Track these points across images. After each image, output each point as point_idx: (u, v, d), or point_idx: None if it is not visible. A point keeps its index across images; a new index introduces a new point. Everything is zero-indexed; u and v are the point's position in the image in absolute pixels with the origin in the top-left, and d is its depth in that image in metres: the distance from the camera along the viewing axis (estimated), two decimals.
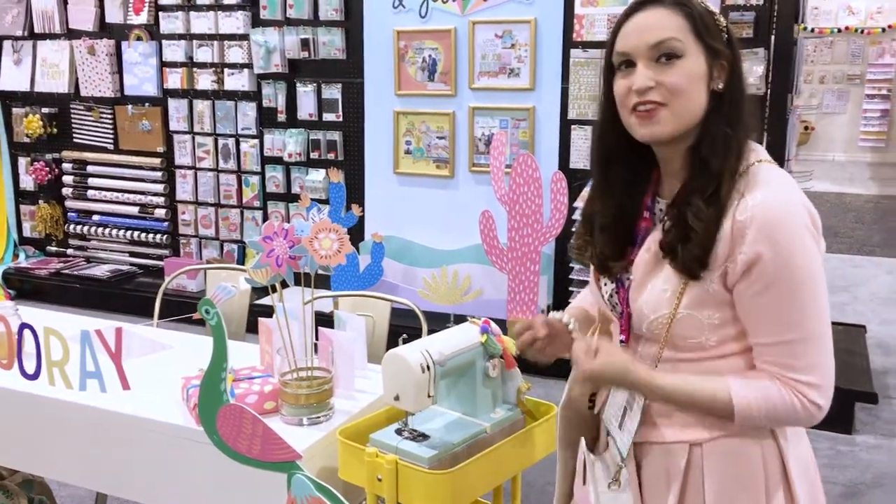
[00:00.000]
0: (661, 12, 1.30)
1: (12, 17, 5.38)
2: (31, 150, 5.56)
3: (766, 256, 1.23)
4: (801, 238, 1.24)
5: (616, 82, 1.34)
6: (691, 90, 1.29)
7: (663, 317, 1.32)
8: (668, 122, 1.29)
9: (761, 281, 1.24)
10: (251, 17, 4.74)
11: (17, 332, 1.92)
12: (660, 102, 1.28)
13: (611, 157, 1.42)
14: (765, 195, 1.25)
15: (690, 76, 1.28)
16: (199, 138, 5.06)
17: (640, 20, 1.31)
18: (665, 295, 1.32)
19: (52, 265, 5.43)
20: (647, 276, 1.35)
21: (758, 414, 1.27)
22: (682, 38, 1.28)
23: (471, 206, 4.26)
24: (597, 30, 3.97)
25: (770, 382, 1.28)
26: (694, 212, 1.28)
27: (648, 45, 1.28)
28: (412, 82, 4.40)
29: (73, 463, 1.98)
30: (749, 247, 1.23)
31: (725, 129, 1.30)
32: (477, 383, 1.73)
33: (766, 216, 1.23)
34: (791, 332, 1.25)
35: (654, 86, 1.28)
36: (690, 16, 1.29)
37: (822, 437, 3.48)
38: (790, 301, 1.25)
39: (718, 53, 1.30)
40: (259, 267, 1.76)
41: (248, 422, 1.54)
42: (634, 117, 1.31)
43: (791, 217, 1.24)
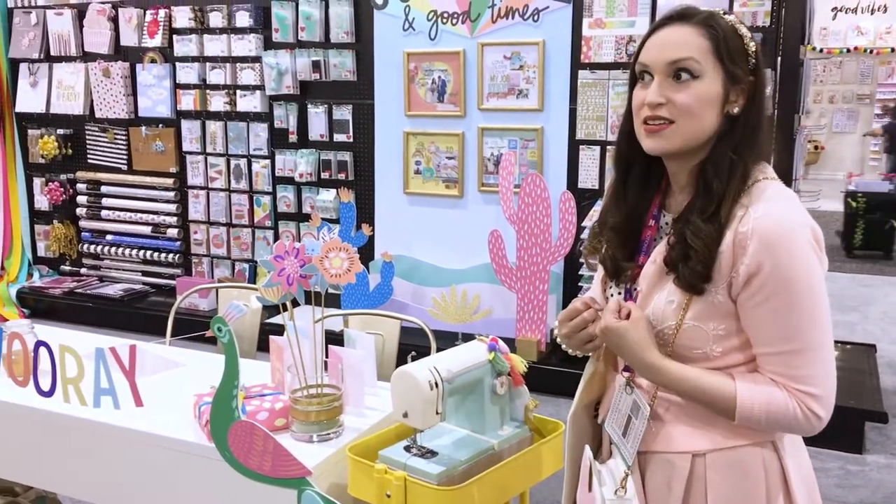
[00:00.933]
0: (685, 30, 1.32)
1: (29, 40, 5.47)
2: (46, 171, 5.63)
3: (766, 268, 1.25)
4: (801, 251, 1.26)
5: (635, 92, 1.38)
6: (701, 111, 1.31)
7: (669, 328, 1.35)
8: (673, 138, 1.32)
9: (762, 292, 1.26)
10: (263, 39, 4.81)
11: (32, 350, 1.96)
12: (668, 119, 1.31)
13: (629, 161, 1.45)
14: (766, 209, 1.27)
15: (701, 98, 1.30)
16: (211, 159, 5.11)
17: (664, 36, 1.33)
18: (671, 307, 1.34)
19: (66, 284, 5.48)
20: (653, 288, 1.38)
21: (758, 415, 1.29)
22: (701, 60, 1.30)
23: (480, 225, 4.29)
24: (604, 51, 4.01)
25: (776, 388, 1.29)
26: (693, 230, 1.31)
27: (665, 62, 1.31)
28: (422, 103, 4.45)
29: (87, 479, 2.00)
30: (750, 258, 1.26)
31: (731, 154, 1.32)
32: (485, 400, 1.75)
33: (767, 228, 1.26)
34: (790, 343, 1.27)
35: (664, 102, 1.31)
36: (715, 38, 1.31)
37: (832, 456, 3.47)
38: (789, 312, 1.27)
39: (738, 78, 1.32)
40: (270, 285, 1.79)
41: (260, 438, 1.56)
42: (643, 129, 1.35)
43: (792, 230, 1.27)
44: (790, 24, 3.70)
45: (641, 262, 1.42)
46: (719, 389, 1.31)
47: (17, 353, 1.99)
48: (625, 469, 1.41)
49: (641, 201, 1.45)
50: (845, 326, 5.19)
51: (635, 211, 1.45)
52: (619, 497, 1.40)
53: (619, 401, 1.45)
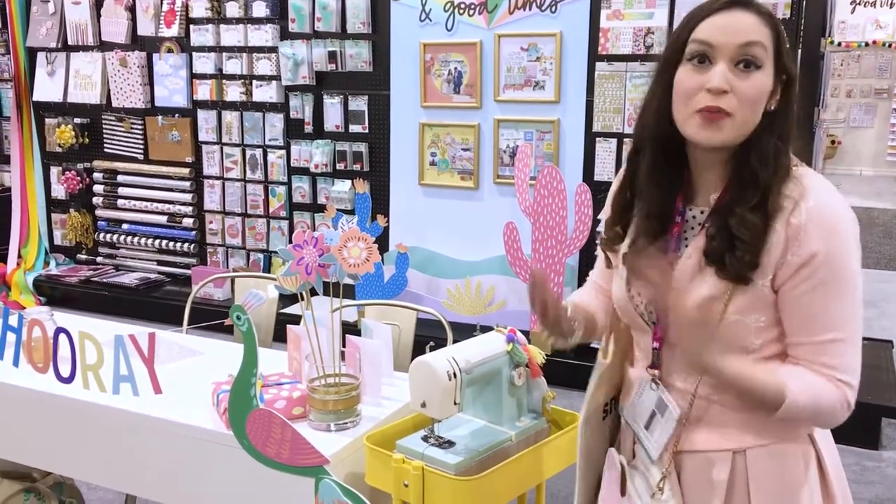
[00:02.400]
0: (752, 18, 1.27)
1: (46, 29, 5.49)
2: (63, 160, 5.65)
3: (820, 256, 1.24)
4: (851, 242, 1.27)
5: (684, 73, 1.28)
6: (758, 105, 1.27)
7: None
8: (729, 131, 1.26)
9: (811, 280, 1.26)
10: (280, 30, 4.81)
11: (52, 337, 1.97)
12: (727, 112, 1.25)
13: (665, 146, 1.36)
14: (818, 199, 1.27)
15: (761, 90, 1.27)
16: (227, 149, 5.12)
17: (731, 19, 1.27)
18: (712, 302, 1.30)
19: (82, 273, 5.51)
20: (689, 285, 1.33)
21: (804, 407, 1.27)
22: (768, 48, 1.27)
23: (495, 217, 4.28)
24: (622, 43, 3.99)
25: (821, 379, 1.28)
26: (738, 220, 1.27)
27: (737, 44, 1.25)
28: (438, 94, 4.44)
29: (105, 465, 2.02)
30: (804, 247, 1.25)
31: (777, 143, 1.30)
32: (503, 391, 1.75)
33: (822, 218, 1.25)
34: (835, 332, 1.27)
35: (728, 90, 1.24)
36: (776, 31, 1.28)
37: (848, 452, 3.45)
38: (838, 301, 1.27)
39: (785, 72, 1.30)
40: (289, 274, 1.79)
41: (277, 427, 1.57)
42: (697, 118, 1.27)
43: (844, 221, 1.27)
44: (811, 17, 3.67)
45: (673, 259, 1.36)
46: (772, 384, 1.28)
47: (37, 339, 2.00)
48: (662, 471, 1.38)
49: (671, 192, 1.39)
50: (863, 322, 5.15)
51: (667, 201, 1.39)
52: (658, 500, 1.37)
53: (641, 395, 1.43)
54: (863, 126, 11.87)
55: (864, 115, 11.84)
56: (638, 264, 1.39)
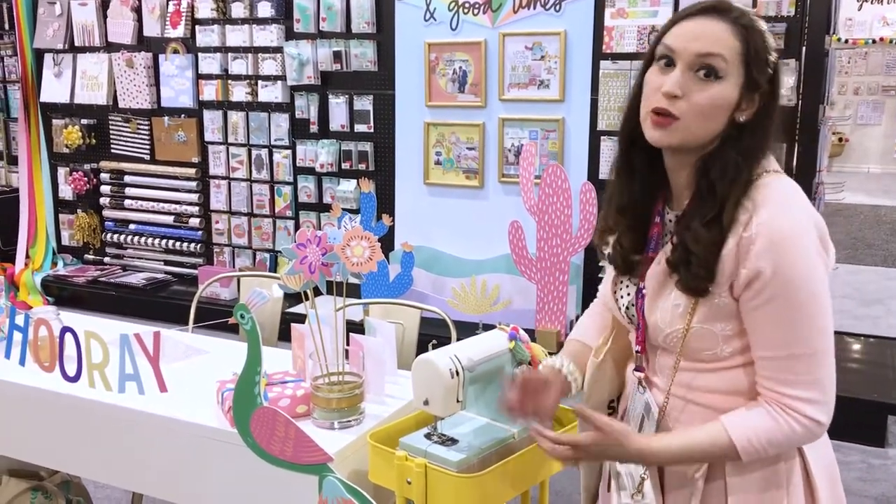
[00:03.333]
0: (720, 26, 1.27)
1: (53, 30, 5.52)
2: (70, 161, 5.68)
3: (767, 272, 1.23)
4: (804, 256, 1.24)
5: (651, 73, 1.32)
6: (712, 115, 1.27)
7: (678, 331, 1.33)
8: (677, 134, 1.28)
9: (761, 296, 1.25)
10: (285, 30, 4.82)
11: (58, 336, 1.98)
12: (674, 115, 1.27)
13: (634, 140, 1.38)
14: (770, 212, 1.25)
15: (717, 102, 1.27)
16: (233, 149, 5.14)
17: (698, 25, 1.28)
18: (678, 310, 1.33)
19: (90, 273, 5.54)
20: (660, 290, 1.36)
21: (759, 446, 1.27)
22: (729, 60, 1.26)
23: (500, 216, 4.29)
24: (626, 41, 3.99)
25: (764, 410, 1.28)
26: (693, 236, 1.28)
27: (694, 53, 1.26)
28: (443, 94, 4.45)
29: (111, 464, 2.03)
30: (752, 262, 1.24)
31: (737, 158, 1.28)
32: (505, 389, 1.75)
33: (771, 233, 1.23)
34: (790, 348, 1.26)
35: (680, 95, 1.26)
36: (747, 40, 1.27)
37: (854, 450, 3.45)
38: (790, 317, 1.25)
39: (756, 86, 1.29)
40: (293, 273, 1.80)
41: (281, 425, 1.58)
42: (650, 118, 1.30)
43: (796, 235, 1.24)
44: (815, 14, 3.66)
45: (650, 256, 1.39)
46: (714, 443, 1.29)
47: (43, 338, 2.02)
48: (641, 473, 1.40)
49: (646, 189, 1.41)
50: (869, 320, 5.14)
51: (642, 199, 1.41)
52: (637, 501, 1.40)
53: (634, 400, 1.45)
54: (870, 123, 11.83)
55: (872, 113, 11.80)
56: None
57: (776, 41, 1.35)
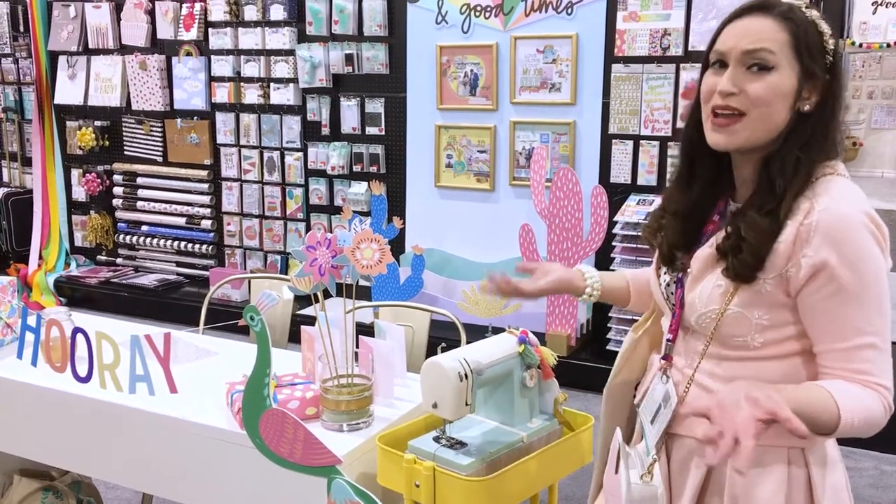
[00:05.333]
0: (765, 22, 1.29)
1: (67, 33, 5.56)
2: (83, 162, 5.71)
3: (833, 262, 1.23)
4: (866, 244, 1.25)
5: (706, 78, 1.35)
6: (773, 104, 1.28)
7: (713, 311, 1.33)
8: (742, 132, 1.30)
9: (829, 286, 1.25)
10: (297, 32, 4.84)
11: (69, 337, 1.99)
12: (739, 111, 1.29)
13: (694, 154, 1.42)
14: (830, 201, 1.25)
15: (775, 91, 1.27)
16: (245, 151, 5.16)
17: (744, 25, 1.31)
18: (718, 291, 1.33)
19: (102, 274, 5.56)
20: (704, 271, 1.36)
21: (859, 423, 1.23)
22: (777, 52, 1.27)
23: (511, 219, 4.28)
24: (638, 45, 3.98)
25: (866, 391, 1.25)
26: (748, 223, 1.29)
27: (742, 51, 1.28)
28: (454, 97, 4.45)
29: (121, 464, 2.04)
30: (814, 251, 1.24)
31: (797, 153, 1.29)
32: (514, 393, 1.75)
33: (832, 221, 1.24)
34: (863, 337, 1.25)
35: (736, 92, 1.28)
36: (794, 32, 1.28)
37: (866, 456, 3.42)
38: (860, 306, 1.25)
39: (814, 75, 1.29)
40: (302, 275, 1.80)
41: (290, 427, 1.58)
42: (710, 121, 1.32)
43: (856, 223, 1.25)
44: (829, 18, 3.63)
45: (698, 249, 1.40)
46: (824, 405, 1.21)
47: (55, 339, 2.03)
48: (652, 456, 1.41)
49: (707, 195, 1.42)
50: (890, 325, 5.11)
51: (699, 203, 1.42)
52: (645, 482, 1.40)
53: (654, 388, 1.46)
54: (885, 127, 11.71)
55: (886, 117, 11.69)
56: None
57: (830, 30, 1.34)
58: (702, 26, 3.83)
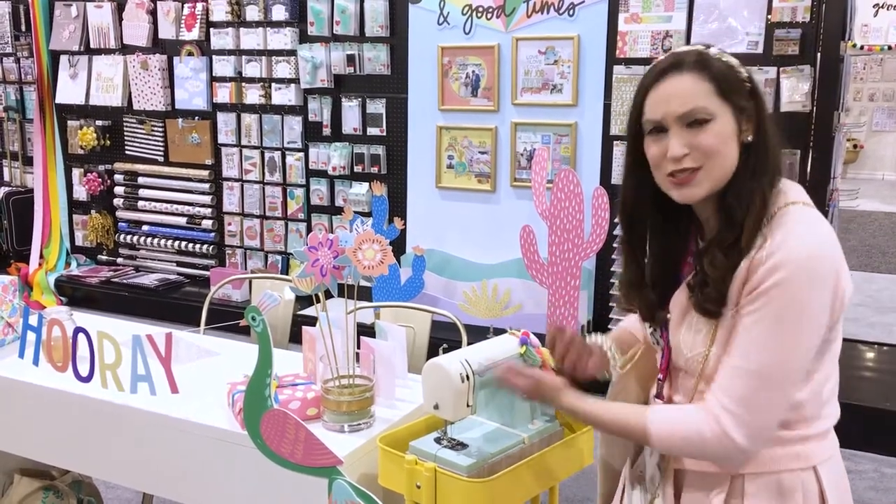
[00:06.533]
0: (684, 79, 1.31)
1: (69, 32, 5.56)
2: (84, 162, 5.71)
3: (770, 282, 1.24)
4: (811, 281, 1.24)
5: (648, 146, 1.36)
6: (725, 149, 1.30)
7: (699, 355, 1.35)
8: (704, 183, 1.32)
9: (756, 303, 1.26)
10: (299, 33, 4.84)
11: (71, 336, 1.99)
12: (694, 167, 1.30)
13: (636, 220, 1.44)
14: (785, 237, 1.26)
15: (722, 136, 1.30)
16: (246, 151, 5.16)
17: (666, 89, 1.32)
18: (700, 335, 1.35)
19: (103, 273, 5.56)
20: (684, 315, 1.39)
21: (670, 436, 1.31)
22: (708, 104, 1.29)
23: (512, 220, 4.28)
24: (640, 46, 3.98)
25: (691, 406, 1.31)
26: (710, 260, 1.31)
27: (676, 115, 1.30)
28: (455, 98, 4.45)
29: (122, 464, 2.04)
30: (760, 274, 1.25)
31: (750, 182, 1.31)
32: (516, 394, 1.75)
33: (783, 255, 1.24)
34: (753, 362, 1.26)
35: (688, 152, 1.30)
36: (714, 78, 1.30)
37: (866, 458, 3.42)
38: (769, 332, 1.25)
39: (743, 108, 1.32)
40: (304, 276, 1.80)
41: (292, 427, 1.58)
42: (670, 182, 1.34)
43: (810, 259, 1.24)
44: (831, 20, 3.64)
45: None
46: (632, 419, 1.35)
47: (56, 339, 2.03)
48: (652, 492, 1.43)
49: (672, 247, 1.44)
50: (883, 328, 5.10)
51: (667, 258, 1.44)
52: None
53: None
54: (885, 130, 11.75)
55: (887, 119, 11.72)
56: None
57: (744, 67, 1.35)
58: (703, 28, 3.83)
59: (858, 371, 4.07)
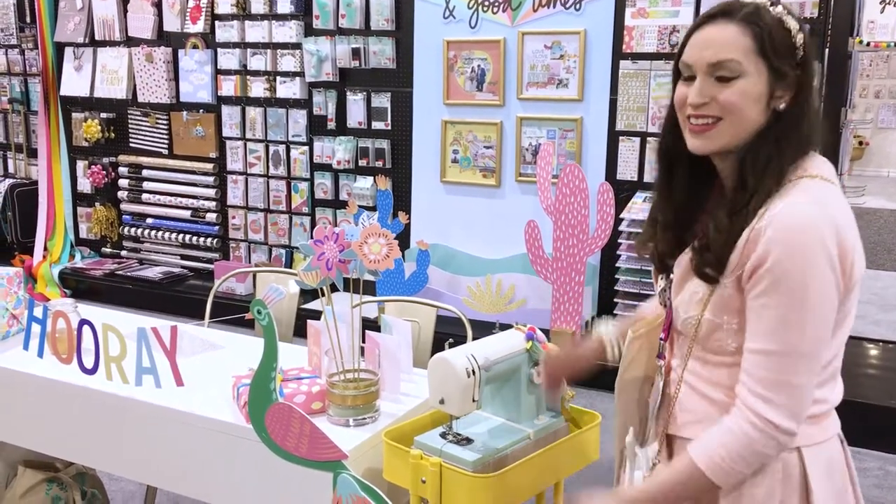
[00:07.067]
0: (728, 29, 1.28)
1: (74, 24, 5.55)
2: (89, 154, 5.72)
3: (768, 263, 1.22)
4: (808, 253, 1.21)
5: (677, 88, 1.35)
6: (746, 108, 1.28)
7: (692, 318, 1.35)
8: (721, 136, 1.30)
9: (759, 286, 1.24)
10: (304, 26, 4.83)
11: (76, 329, 1.99)
12: (715, 116, 1.29)
13: (672, 160, 1.42)
14: (787, 205, 1.24)
15: (746, 95, 1.27)
16: (250, 144, 5.15)
17: (707, 34, 1.30)
18: (696, 297, 1.34)
19: (107, 266, 5.57)
20: (685, 276, 1.38)
21: (726, 464, 1.26)
22: (742, 59, 1.26)
23: (516, 215, 4.28)
24: (646, 41, 3.97)
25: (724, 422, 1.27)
26: (715, 224, 1.30)
27: (706, 63, 1.28)
28: (461, 92, 4.44)
29: (127, 456, 2.04)
30: (760, 249, 1.23)
31: (769, 150, 1.28)
32: (521, 389, 1.75)
33: (783, 224, 1.22)
34: (769, 343, 1.24)
35: (707, 101, 1.28)
36: (759, 35, 1.27)
37: (871, 456, 3.41)
38: (778, 312, 1.23)
39: (784, 74, 1.28)
40: (310, 270, 1.80)
41: (297, 421, 1.58)
42: (688, 128, 1.33)
43: (804, 230, 1.22)
44: (839, 16, 3.62)
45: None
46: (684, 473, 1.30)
47: (61, 331, 2.03)
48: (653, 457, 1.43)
49: (692, 198, 1.41)
50: (888, 325, 5.09)
51: (685, 208, 1.41)
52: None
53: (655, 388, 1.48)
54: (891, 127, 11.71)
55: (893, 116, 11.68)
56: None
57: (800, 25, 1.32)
58: None
59: (863, 368, 4.06)
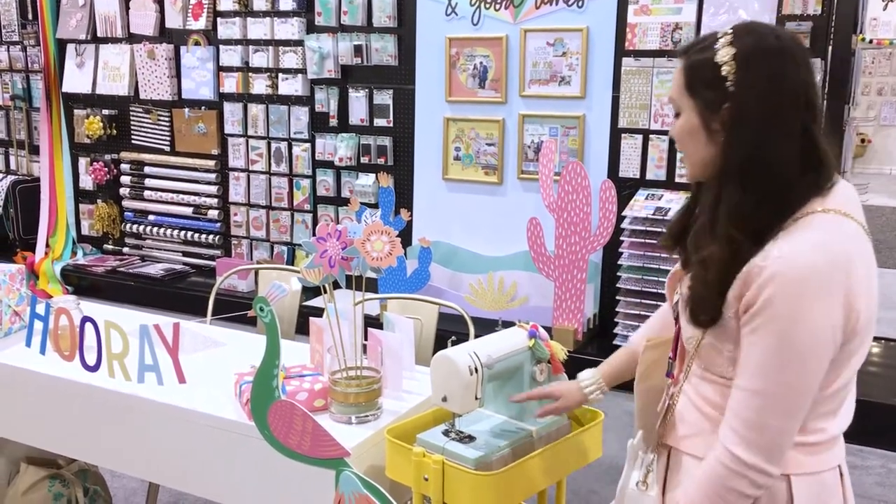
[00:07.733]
0: (677, 69, 1.35)
1: (76, 21, 5.55)
2: (91, 151, 5.72)
3: (762, 302, 1.20)
4: (805, 301, 1.18)
5: None
6: (687, 143, 1.33)
7: (693, 338, 1.37)
8: (687, 169, 1.38)
9: (752, 323, 1.23)
10: (306, 23, 4.82)
11: (78, 326, 1.99)
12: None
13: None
14: (791, 247, 1.20)
15: (682, 130, 1.33)
16: (252, 141, 5.15)
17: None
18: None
19: (109, 263, 5.57)
20: None
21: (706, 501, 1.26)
22: (677, 97, 1.33)
23: (519, 213, 4.27)
24: (649, 39, 3.96)
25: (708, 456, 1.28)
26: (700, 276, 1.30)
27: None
28: (463, 89, 4.43)
29: (129, 453, 2.04)
30: (755, 289, 1.21)
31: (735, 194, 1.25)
32: (524, 387, 1.75)
33: (780, 269, 1.19)
34: (755, 382, 1.23)
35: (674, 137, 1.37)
36: (685, 69, 1.32)
37: (873, 454, 3.41)
38: (766, 353, 1.22)
39: (713, 103, 1.27)
40: (312, 267, 1.80)
41: (299, 418, 1.58)
42: None
43: (804, 279, 1.18)
44: (842, 13, 3.61)
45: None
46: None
47: (63, 328, 2.03)
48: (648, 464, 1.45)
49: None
50: (890, 323, 5.08)
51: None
52: (640, 491, 1.44)
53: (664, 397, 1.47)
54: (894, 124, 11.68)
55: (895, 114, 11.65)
56: None
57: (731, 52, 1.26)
58: (713, 20, 3.81)
59: (865, 366, 4.03)
